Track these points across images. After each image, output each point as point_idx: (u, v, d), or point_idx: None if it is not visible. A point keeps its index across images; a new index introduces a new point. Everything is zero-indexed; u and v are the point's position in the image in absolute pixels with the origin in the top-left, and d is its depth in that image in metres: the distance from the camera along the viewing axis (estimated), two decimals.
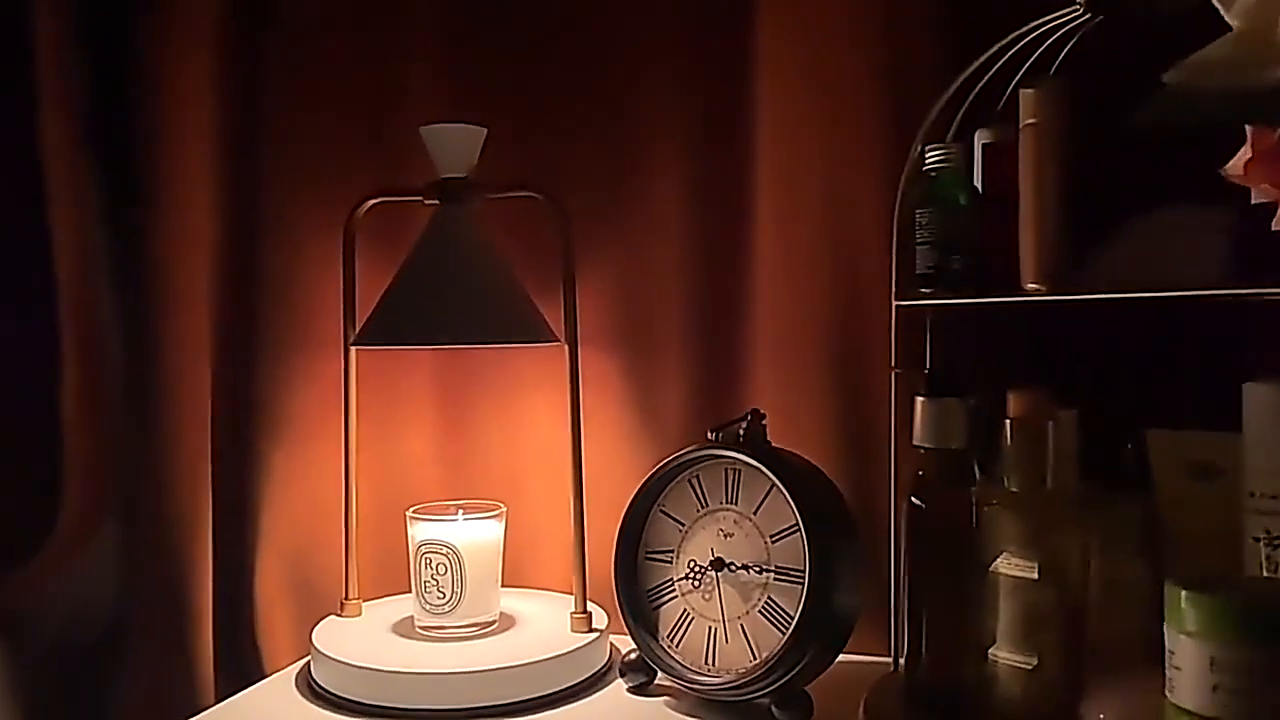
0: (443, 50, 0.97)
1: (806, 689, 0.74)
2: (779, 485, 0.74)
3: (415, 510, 0.87)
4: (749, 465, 0.75)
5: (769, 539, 0.75)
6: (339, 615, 0.90)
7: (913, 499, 0.72)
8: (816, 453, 0.81)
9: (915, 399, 0.72)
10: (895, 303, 0.75)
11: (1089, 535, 0.66)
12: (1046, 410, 0.67)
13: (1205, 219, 0.65)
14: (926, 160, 0.73)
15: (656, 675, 0.80)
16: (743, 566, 0.76)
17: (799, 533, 0.73)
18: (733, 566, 0.76)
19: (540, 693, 0.79)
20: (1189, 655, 0.53)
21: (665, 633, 0.79)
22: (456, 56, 0.97)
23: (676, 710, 0.77)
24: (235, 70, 0.97)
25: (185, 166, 0.95)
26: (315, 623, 0.89)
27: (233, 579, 0.98)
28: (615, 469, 0.93)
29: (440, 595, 0.85)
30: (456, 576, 0.84)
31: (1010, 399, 0.68)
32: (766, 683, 0.73)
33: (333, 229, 0.90)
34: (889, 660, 0.77)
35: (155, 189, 0.95)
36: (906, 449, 0.74)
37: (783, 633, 0.73)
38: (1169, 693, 0.55)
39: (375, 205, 0.89)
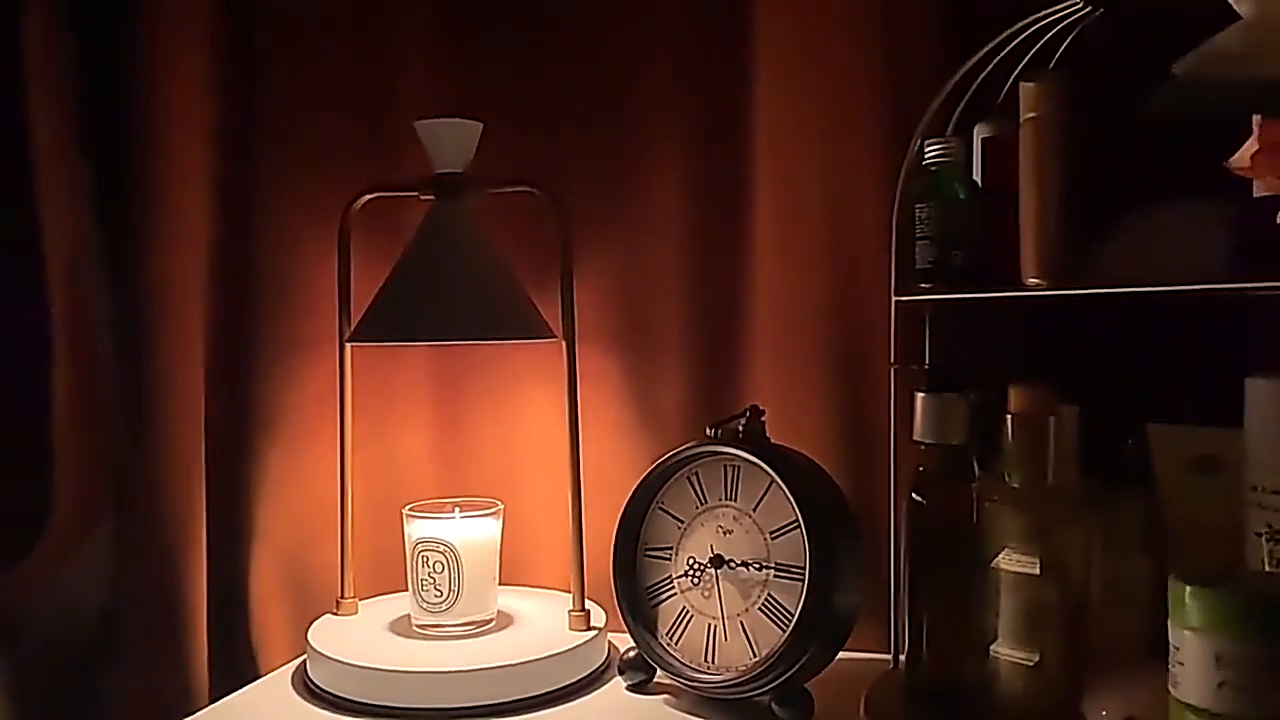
0: (439, 45, 0.96)
1: (807, 686, 0.74)
2: (779, 482, 0.73)
3: (412, 508, 0.86)
4: (748, 462, 0.75)
5: (769, 536, 0.75)
6: (335, 614, 0.90)
7: (913, 495, 0.72)
8: (816, 449, 0.81)
9: (915, 395, 0.72)
10: (895, 298, 0.75)
11: (1090, 531, 0.66)
12: (1048, 406, 0.66)
13: (1207, 213, 0.65)
14: (926, 155, 0.72)
15: (655, 673, 0.80)
16: (742, 563, 0.76)
17: (799, 529, 0.72)
18: (732, 563, 0.76)
19: (538, 691, 0.78)
20: (1193, 651, 0.53)
21: (664, 630, 0.79)
22: (454, 51, 0.96)
23: (676, 708, 0.77)
24: (229, 66, 0.96)
25: (178, 163, 0.94)
26: (311, 622, 0.88)
27: (227, 578, 0.97)
28: (613, 466, 0.93)
29: (437, 593, 0.84)
30: (453, 575, 0.84)
31: (1011, 394, 0.67)
32: (767, 680, 0.72)
33: (327, 225, 0.90)
34: (889, 657, 0.77)
35: (148, 187, 0.94)
36: (906, 445, 0.73)
37: (783, 630, 0.73)
38: (1173, 689, 0.55)
39: (370, 201, 0.89)
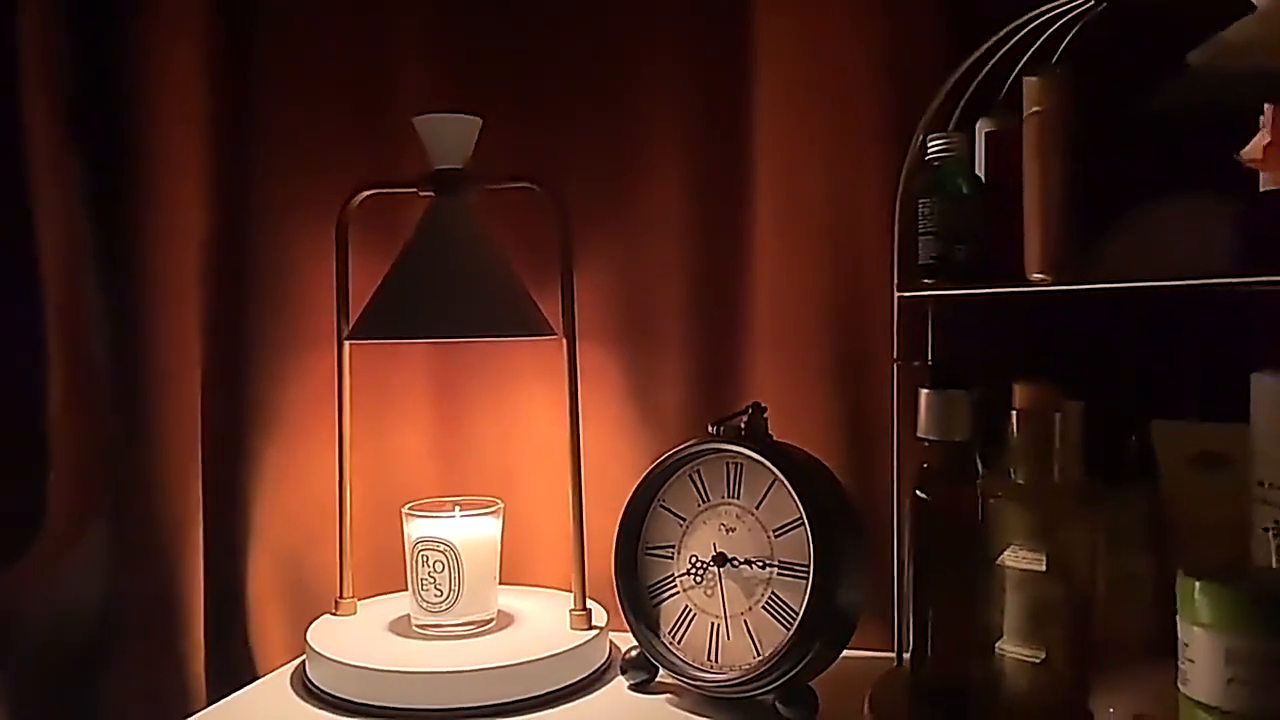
0: (438, 40, 0.96)
1: (811, 685, 0.73)
2: (782, 479, 0.73)
3: (411, 507, 0.86)
4: (751, 459, 0.75)
5: (772, 534, 0.74)
6: (334, 614, 0.89)
7: (917, 492, 0.72)
8: (818, 446, 0.80)
9: (919, 391, 0.72)
10: (897, 294, 0.74)
11: (1096, 528, 0.65)
12: (1052, 402, 0.66)
13: (1211, 208, 0.64)
14: (929, 150, 0.72)
15: (658, 672, 0.79)
16: (745, 562, 0.75)
17: (803, 527, 0.72)
18: (735, 562, 0.76)
19: (540, 691, 0.78)
20: (1203, 647, 0.53)
21: (667, 629, 0.78)
22: (453, 47, 0.95)
23: (678, 708, 0.76)
24: (226, 64, 0.96)
25: (174, 161, 0.93)
26: (309, 622, 0.87)
27: (225, 578, 0.97)
28: (614, 464, 0.92)
29: (437, 593, 0.84)
30: (453, 574, 0.83)
31: (1016, 391, 0.67)
32: (770, 679, 0.72)
33: (325, 222, 0.89)
34: (894, 655, 0.77)
35: (144, 185, 0.93)
36: (910, 442, 0.73)
37: (787, 628, 0.72)
38: (1182, 685, 0.54)
39: (369, 197, 0.88)
